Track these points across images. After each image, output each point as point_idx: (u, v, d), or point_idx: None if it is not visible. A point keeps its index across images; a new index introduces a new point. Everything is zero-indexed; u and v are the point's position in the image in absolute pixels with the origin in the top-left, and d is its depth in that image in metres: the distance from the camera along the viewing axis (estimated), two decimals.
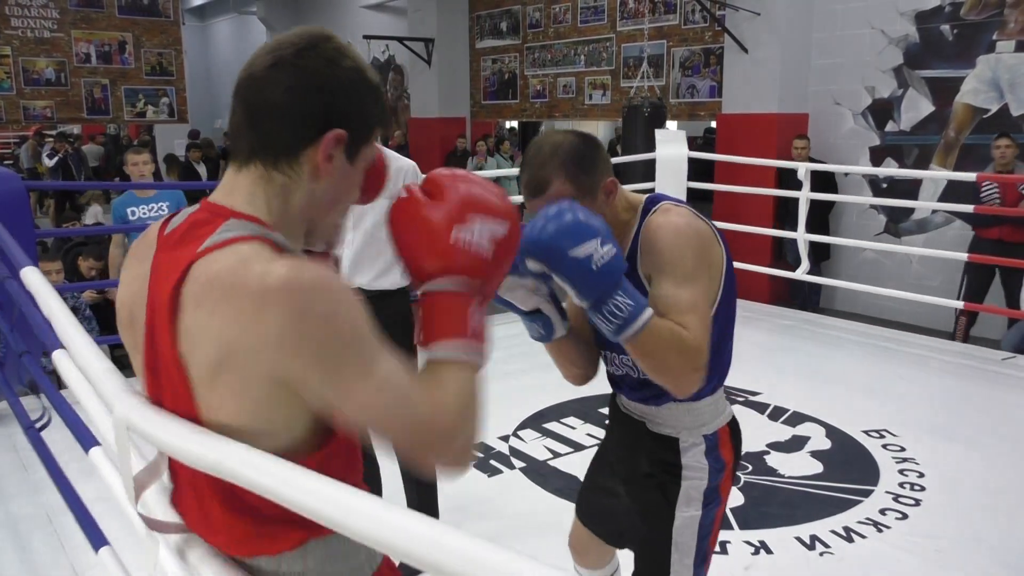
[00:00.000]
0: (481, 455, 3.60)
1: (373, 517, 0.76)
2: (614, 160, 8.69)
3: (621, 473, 1.78)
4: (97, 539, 2.02)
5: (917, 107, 6.69)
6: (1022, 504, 3.10)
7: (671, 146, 6.43)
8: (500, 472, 3.45)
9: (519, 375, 4.69)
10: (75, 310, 4.87)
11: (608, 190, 1.55)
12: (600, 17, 9.50)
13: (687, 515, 1.60)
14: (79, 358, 1.43)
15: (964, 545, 2.82)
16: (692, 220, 1.53)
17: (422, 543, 0.71)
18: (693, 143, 6.70)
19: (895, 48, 6.76)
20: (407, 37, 11.25)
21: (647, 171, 6.51)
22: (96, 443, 1.96)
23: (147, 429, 0.95)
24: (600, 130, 12.13)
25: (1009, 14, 6.13)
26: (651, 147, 6.52)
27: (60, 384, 2.61)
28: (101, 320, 5.13)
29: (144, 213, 5.01)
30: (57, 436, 2.58)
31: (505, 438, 3.79)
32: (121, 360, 4.16)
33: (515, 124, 13.41)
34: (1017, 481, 3.28)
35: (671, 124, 8.68)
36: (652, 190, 6.43)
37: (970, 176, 5.32)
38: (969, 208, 5.21)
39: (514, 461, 3.56)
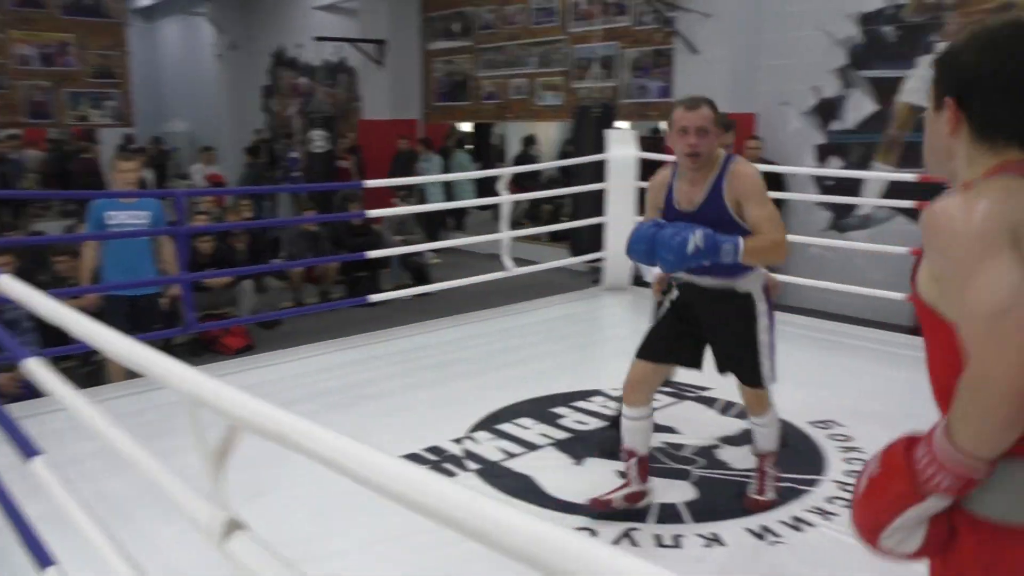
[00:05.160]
0: (434, 458, 3.58)
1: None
2: (565, 162, 8.73)
3: (714, 319, 2.85)
4: (44, 559, 1.96)
5: (861, 106, 6.85)
6: None
7: (621, 146, 6.47)
8: (454, 475, 3.42)
9: (472, 376, 4.68)
10: (12, 323, 4.71)
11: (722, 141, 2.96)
12: (552, 18, 9.54)
13: (763, 324, 2.81)
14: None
15: None
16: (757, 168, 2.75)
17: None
18: (643, 143, 6.75)
19: (840, 49, 6.91)
20: (359, 39, 11.17)
21: (597, 172, 6.54)
22: (36, 452, 1.91)
23: None
24: (552, 131, 12.17)
25: (948, 16, 6.30)
26: (601, 148, 6.56)
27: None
28: (51, 333, 4.98)
29: (124, 219, 4.90)
30: None
31: (458, 440, 3.77)
32: (68, 371, 4.05)
33: (468, 125, 13.40)
34: None
35: (621, 124, 8.75)
36: (602, 192, 6.47)
37: (911, 175, 5.47)
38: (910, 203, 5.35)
39: (468, 463, 3.54)
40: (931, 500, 1.11)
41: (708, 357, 3.02)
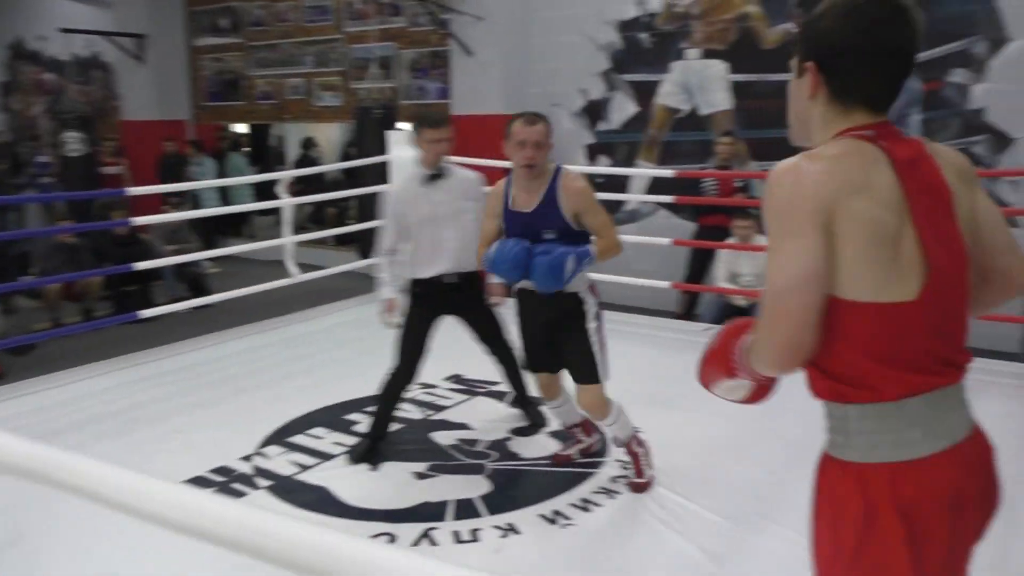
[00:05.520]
0: (222, 479, 3.41)
1: None
2: (347, 164, 8.61)
3: (552, 323, 3.07)
4: None
5: (624, 108, 7.34)
6: (732, 459, 3.51)
7: (403, 147, 6.48)
8: (244, 495, 3.28)
9: (258, 390, 4.50)
10: None
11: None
12: (327, 17, 9.34)
13: (592, 325, 3.05)
14: None
15: (685, 501, 3.15)
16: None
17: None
18: None
19: (603, 54, 7.36)
20: (113, 32, 10.30)
21: (381, 173, 6.52)
22: None
23: None
24: (333, 132, 11.92)
25: (695, 25, 6.91)
26: (384, 149, 6.54)
27: None
28: None
29: None
30: None
31: (247, 458, 3.61)
32: None
33: (243, 127, 12.79)
34: (723, 439, 3.71)
35: (404, 125, 8.76)
36: (387, 193, 6.44)
37: (670, 172, 5.97)
38: (669, 199, 5.82)
39: (258, 481, 3.41)
40: (739, 379, 1.42)
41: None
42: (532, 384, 3.44)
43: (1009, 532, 2.89)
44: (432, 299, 3.60)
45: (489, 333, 3.75)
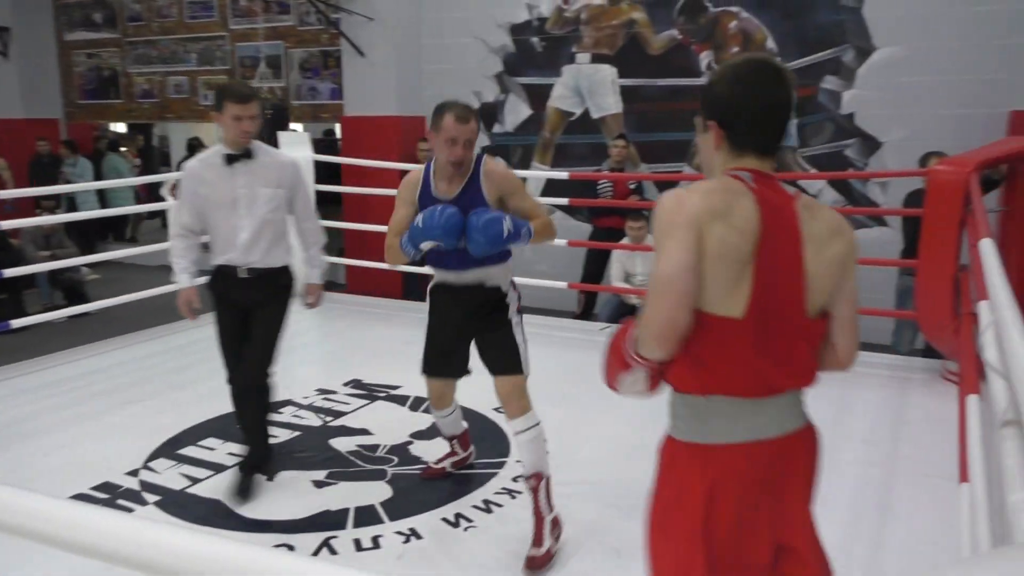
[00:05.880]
0: (105, 496, 3.25)
1: None
2: None
3: (474, 315, 2.94)
4: None
5: (517, 111, 7.42)
6: (631, 456, 3.61)
7: (296, 148, 6.35)
8: (130, 511, 3.13)
9: (144, 400, 4.32)
10: None
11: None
12: (210, 13, 9.03)
13: (516, 319, 2.98)
14: None
15: (587, 494, 3.21)
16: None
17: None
18: (316, 145, 6.69)
19: (495, 57, 7.41)
20: None
21: None
22: None
23: None
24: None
25: (584, 30, 7.06)
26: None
27: None
28: None
29: None
30: None
31: (134, 472, 3.46)
32: None
33: (122, 126, 12.20)
34: (622, 436, 3.81)
35: (295, 126, 8.57)
36: None
37: (564, 174, 6.08)
38: (561, 201, 5.91)
39: (146, 496, 3.26)
40: (636, 370, 1.55)
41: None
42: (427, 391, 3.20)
43: (885, 518, 3.09)
44: (229, 292, 3.27)
45: (260, 341, 3.29)
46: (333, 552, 2.85)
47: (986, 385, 2.28)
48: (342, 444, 3.76)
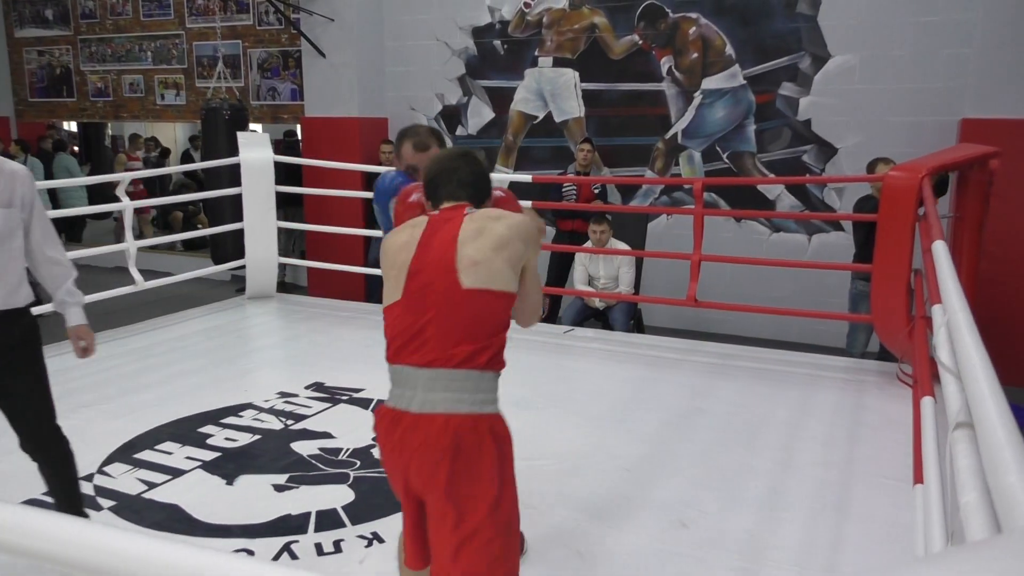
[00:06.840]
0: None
1: None
2: (193, 165, 8.26)
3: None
4: None
5: (480, 113, 7.42)
6: (593, 456, 3.63)
7: (255, 149, 6.28)
8: (84, 517, 3.06)
9: (98, 405, 4.22)
10: None
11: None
12: (166, 12, 8.89)
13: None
14: None
15: (547, 499, 3.22)
16: None
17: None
18: (276, 146, 6.62)
19: (458, 59, 7.40)
20: None
21: (233, 175, 6.27)
22: None
23: None
24: (178, 132, 11.35)
25: (546, 33, 7.08)
26: (235, 150, 6.30)
27: None
28: None
29: None
30: None
31: (89, 477, 3.38)
32: None
33: (74, 125, 11.93)
34: (584, 437, 3.82)
35: (255, 127, 8.47)
36: (240, 196, 6.22)
37: (527, 177, 6.09)
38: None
39: (101, 502, 3.19)
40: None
41: None
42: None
43: (842, 518, 3.15)
44: None
45: (28, 395, 2.71)
46: (294, 557, 2.82)
47: (940, 387, 2.33)
48: (304, 448, 3.72)
